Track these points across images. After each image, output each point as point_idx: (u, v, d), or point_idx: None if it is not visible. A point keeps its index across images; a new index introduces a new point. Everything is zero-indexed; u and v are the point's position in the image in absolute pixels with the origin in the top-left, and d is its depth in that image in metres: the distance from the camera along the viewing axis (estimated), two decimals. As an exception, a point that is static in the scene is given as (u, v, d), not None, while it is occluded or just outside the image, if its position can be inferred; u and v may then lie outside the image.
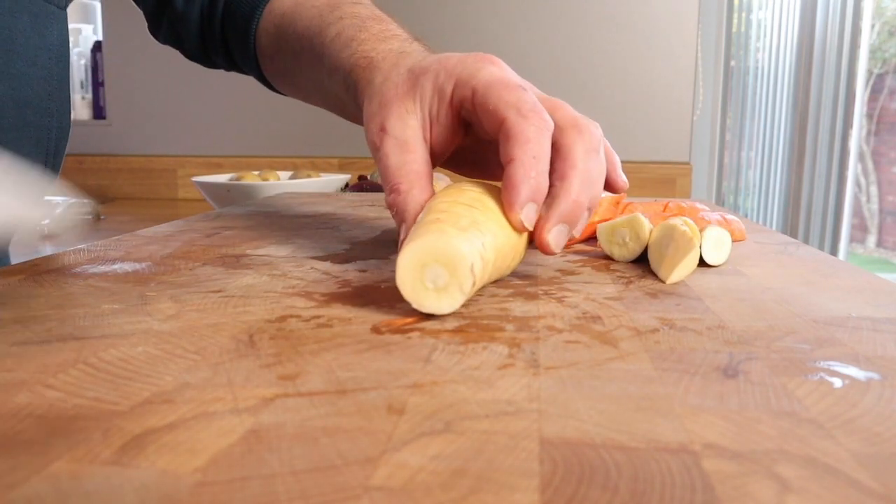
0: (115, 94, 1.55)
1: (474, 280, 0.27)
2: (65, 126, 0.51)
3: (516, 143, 0.31)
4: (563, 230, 0.32)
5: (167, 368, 0.21)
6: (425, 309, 0.27)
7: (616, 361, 0.22)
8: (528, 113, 0.32)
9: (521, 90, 0.33)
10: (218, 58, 0.58)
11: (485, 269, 0.28)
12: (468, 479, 0.15)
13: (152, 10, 0.58)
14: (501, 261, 0.30)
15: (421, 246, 0.26)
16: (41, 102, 0.47)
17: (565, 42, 1.42)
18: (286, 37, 0.50)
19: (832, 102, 1.71)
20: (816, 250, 0.44)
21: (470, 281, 0.27)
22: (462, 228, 0.28)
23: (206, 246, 0.43)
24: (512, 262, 0.32)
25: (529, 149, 0.31)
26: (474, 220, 0.29)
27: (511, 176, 0.31)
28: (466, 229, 0.28)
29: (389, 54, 0.39)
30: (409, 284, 0.27)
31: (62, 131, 0.50)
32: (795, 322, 0.27)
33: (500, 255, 0.30)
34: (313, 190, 1.06)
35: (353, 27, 0.44)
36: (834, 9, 1.69)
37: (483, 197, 0.31)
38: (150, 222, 0.55)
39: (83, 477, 0.15)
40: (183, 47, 0.59)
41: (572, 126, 0.33)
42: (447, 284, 0.27)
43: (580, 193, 0.32)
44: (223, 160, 1.52)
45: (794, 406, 0.19)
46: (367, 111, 0.38)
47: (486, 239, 0.29)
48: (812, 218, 1.76)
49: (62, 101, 0.50)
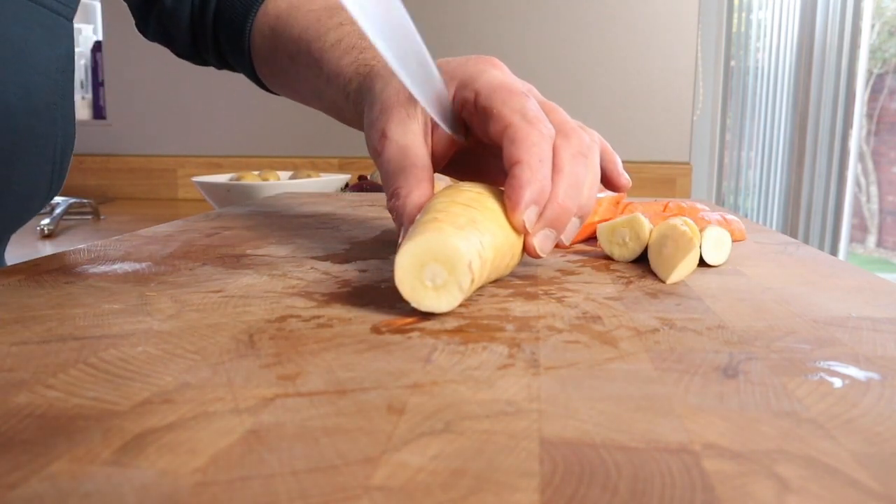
0: (115, 94, 1.56)
1: (473, 278, 0.27)
2: (70, 134, 0.51)
3: (523, 146, 0.31)
4: (549, 235, 0.32)
5: (167, 368, 0.21)
6: (424, 308, 0.27)
7: (616, 361, 0.22)
8: (532, 119, 0.32)
9: (525, 96, 0.33)
10: (209, 56, 0.58)
11: (483, 268, 0.28)
12: (468, 479, 0.15)
13: (139, 5, 0.57)
14: (500, 260, 0.31)
15: (419, 244, 0.26)
16: (48, 111, 0.47)
17: (565, 42, 1.42)
18: (282, 39, 0.50)
19: (832, 102, 1.71)
20: (816, 250, 0.44)
21: (468, 278, 0.27)
22: (459, 227, 0.28)
23: (206, 246, 0.43)
24: (511, 262, 0.32)
25: (536, 152, 0.31)
26: (472, 219, 0.29)
27: (517, 177, 0.31)
28: (464, 227, 0.28)
29: None
30: (407, 283, 0.27)
31: (67, 139, 0.51)
32: (795, 322, 0.27)
33: (498, 255, 0.30)
34: (313, 190, 1.06)
35: (353, 34, 0.44)
36: (834, 9, 1.69)
37: (481, 197, 0.31)
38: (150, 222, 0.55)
39: (83, 477, 0.15)
40: (173, 44, 0.59)
41: (558, 131, 0.33)
42: (446, 282, 0.27)
43: (566, 198, 0.32)
44: (223, 160, 1.52)
45: (794, 406, 0.19)
46: (368, 117, 0.38)
47: (485, 238, 0.29)
48: (812, 218, 1.76)
49: (67, 110, 0.50)
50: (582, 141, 0.33)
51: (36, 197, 0.50)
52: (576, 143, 0.33)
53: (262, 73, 0.55)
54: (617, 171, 0.39)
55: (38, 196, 0.51)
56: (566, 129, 0.33)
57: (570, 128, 0.34)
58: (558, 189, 0.32)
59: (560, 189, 0.32)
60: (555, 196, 0.32)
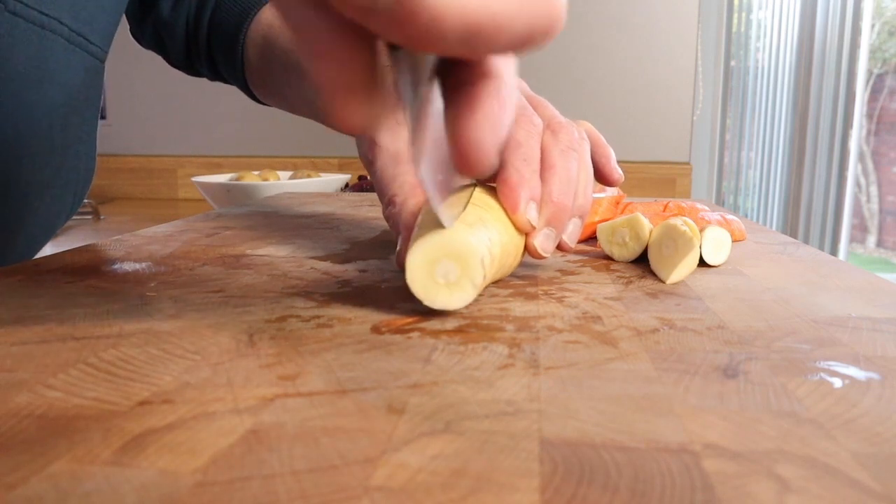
0: (115, 94, 1.55)
1: (485, 274, 0.27)
2: (90, 169, 0.52)
3: (507, 148, 0.31)
4: (549, 234, 0.32)
5: (167, 368, 0.21)
6: (437, 305, 0.26)
7: (616, 361, 0.22)
8: (517, 118, 0.32)
9: None
10: (202, 67, 0.58)
11: (493, 265, 0.28)
12: (468, 479, 0.15)
13: (134, 13, 0.57)
14: (505, 258, 0.30)
15: (431, 241, 0.26)
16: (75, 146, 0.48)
17: (565, 42, 1.42)
18: (273, 49, 0.50)
19: (832, 102, 1.71)
20: (816, 250, 0.44)
21: (481, 274, 0.27)
22: (469, 224, 0.28)
23: (206, 246, 0.43)
24: (514, 262, 0.32)
25: (521, 152, 0.31)
26: (480, 217, 0.29)
27: (507, 179, 0.31)
28: (473, 224, 0.28)
29: None
30: (419, 282, 0.26)
31: (88, 172, 0.52)
32: (795, 322, 0.27)
33: (504, 253, 0.30)
34: (313, 190, 1.06)
35: None
36: (834, 9, 1.69)
37: (484, 196, 0.31)
38: (150, 222, 0.55)
39: (83, 477, 0.15)
40: (167, 54, 0.59)
41: (546, 127, 0.33)
42: (459, 279, 0.26)
43: (560, 195, 0.32)
44: (223, 160, 1.52)
45: (794, 406, 0.19)
46: None
47: (493, 235, 0.29)
48: (812, 218, 1.76)
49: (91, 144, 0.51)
50: (571, 136, 0.33)
51: (57, 223, 0.52)
52: (565, 138, 0.33)
53: (253, 82, 0.55)
54: (609, 166, 0.38)
55: (59, 222, 0.52)
56: (554, 125, 0.33)
57: (557, 123, 0.33)
58: (551, 186, 0.32)
59: (553, 186, 0.32)
60: (549, 194, 0.31)
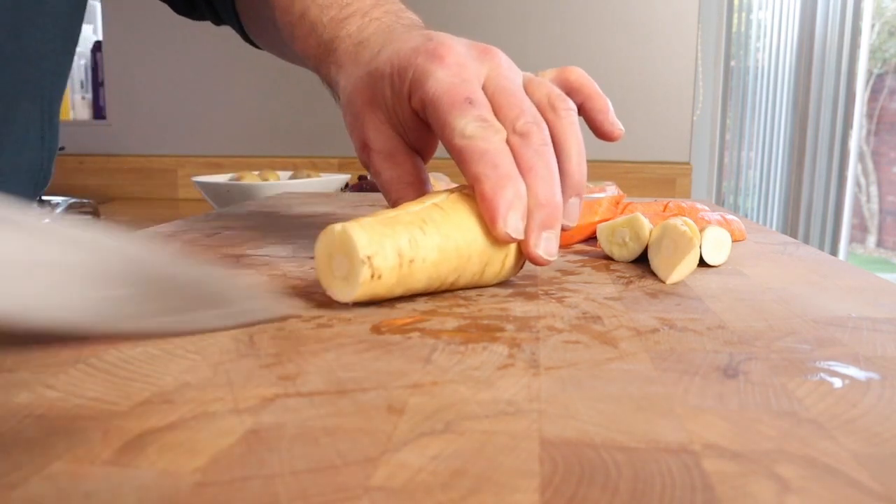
0: (115, 94, 1.55)
1: (372, 273, 0.27)
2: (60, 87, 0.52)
3: (471, 162, 0.30)
4: (548, 237, 0.31)
5: (167, 368, 0.21)
6: (335, 297, 0.28)
7: (616, 361, 0.22)
8: (473, 131, 0.31)
9: (467, 105, 0.31)
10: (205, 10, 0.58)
11: (413, 266, 0.28)
12: (468, 479, 0.15)
13: None
14: (464, 263, 0.30)
15: (327, 235, 0.28)
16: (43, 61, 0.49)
17: (565, 42, 1.42)
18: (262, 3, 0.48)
19: (832, 102, 1.71)
20: (816, 250, 0.44)
21: (366, 273, 0.26)
22: (385, 223, 0.28)
23: (206, 246, 0.43)
24: (495, 269, 0.32)
25: (487, 160, 0.30)
26: (421, 218, 0.29)
27: (482, 194, 0.30)
28: (391, 224, 0.28)
29: (349, 44, 0.39)
30: (321, 271, 0.28)
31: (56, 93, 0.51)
32: (795, 322, 0.27)
33: (459, 257, 0.29)
34: (313, 190, 1.06)
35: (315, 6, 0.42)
36: (834, 9, 1.69)
37: (460, 201, 0.31)
38: (150, 222, 0.55)
39: (83, 477, 0.15)
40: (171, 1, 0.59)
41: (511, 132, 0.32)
42: (347, 274, 0.27)
43: (547, 195, 0.31)
44: (223, 160, 1.52)
45: (794, 406, 0.19)
46: (345, 120, 0.39)
47: (425, 238, 0.28)
48: (812, 218, 1.76)
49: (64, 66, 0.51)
50: (542, 133, 0.32)
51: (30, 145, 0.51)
52: (536, 139, 0.31)
53: (252, 32, 0.55)
54: (608, 121, 0.37)
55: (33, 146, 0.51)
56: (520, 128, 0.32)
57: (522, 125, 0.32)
58: (535, 189, 0.31)
59: (538, 189, 0.31)
60: (534, 196, 0.31)
